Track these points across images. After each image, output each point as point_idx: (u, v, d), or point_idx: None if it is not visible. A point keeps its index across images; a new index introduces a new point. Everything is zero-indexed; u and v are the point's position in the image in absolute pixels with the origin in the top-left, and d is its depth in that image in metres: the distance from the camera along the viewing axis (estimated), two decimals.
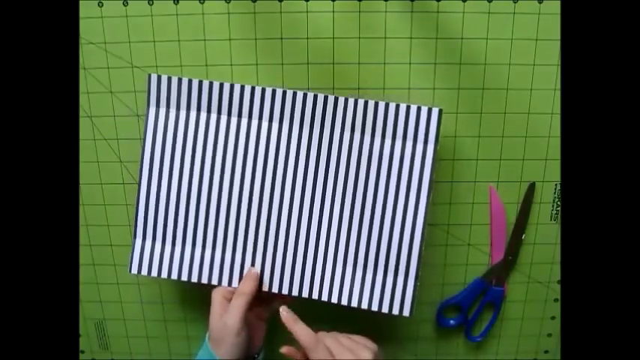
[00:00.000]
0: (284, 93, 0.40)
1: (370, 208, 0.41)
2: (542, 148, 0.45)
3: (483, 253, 0.48)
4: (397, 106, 0.39)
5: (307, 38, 0.43)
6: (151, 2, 0.42)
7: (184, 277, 0.43)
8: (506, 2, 0.42)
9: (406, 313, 0.41)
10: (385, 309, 0.41)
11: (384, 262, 0.41)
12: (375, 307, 0.41)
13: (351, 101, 0.40)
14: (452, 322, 0.49)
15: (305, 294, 0.42)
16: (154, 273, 0.43)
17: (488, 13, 0.42)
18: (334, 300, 0.42)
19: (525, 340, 0.51)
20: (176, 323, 0.50)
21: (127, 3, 0.42)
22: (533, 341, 0.51)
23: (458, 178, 0.46)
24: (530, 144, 0.45)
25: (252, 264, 0.42)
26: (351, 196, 0.41)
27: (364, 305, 0.41)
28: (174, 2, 0.42)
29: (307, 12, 0.42)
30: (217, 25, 0.42)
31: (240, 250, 0.42)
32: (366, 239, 0.41)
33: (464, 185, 0.46)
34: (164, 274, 0.43)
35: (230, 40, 0.43)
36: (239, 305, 0.40)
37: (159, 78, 0.41)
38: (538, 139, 0.45)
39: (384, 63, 0.43)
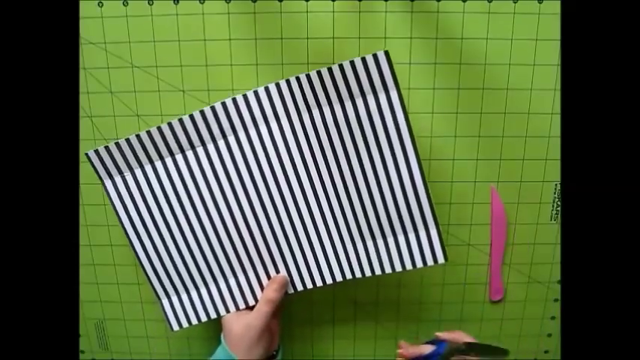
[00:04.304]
0: (223, 104, 0.38)
1: (363, 178, 0.39)
2: (542, 148, 0.45)
3: (483, 253, 0.48)
4: (341, 66, 0.37)
5: (307, 38, 0.43)
6: (151, 2, 0.42)
7: (222, 312, 0.42)
8: (506, 2, 0.42)
9: (440, 260, 0.40)
10: (419, 264, 0.40)
11: (399, 224, 0.40)
12: (409, 267, 0.40)
13: (302, 79, 0.38)
14: None
15: (338, 278, 0.42)
16: (194, 321, 0.43)
17: (488, 13, 0.42)
18: (368, 274, 0.41)
19: (525, 340, 0.51)
20: None
21: (127, 3, 0.42)
22: (533, 341, 0.51)
23: (458, 178, 0.46)
24: (530, 144, 0.45)
25: (277, 271, 0.42)
26: (340, 174, 0.39)
27: (398, 268, 0.40)
28: (174, 2, 0.42)
29: (307, 12, 0.42)
30: (217, 25, 0.42)
31: (259, 264, 0.42)
32: (372, 209, 0.40)
33: (464, 185, 0.46)
34: (203, 318, 0.43)
35: (230, 40, 0.43)
36: (266, 311, 0.40)
37: (96, 152, 0.39)
38: (538, 139, 0.45)
39: None
